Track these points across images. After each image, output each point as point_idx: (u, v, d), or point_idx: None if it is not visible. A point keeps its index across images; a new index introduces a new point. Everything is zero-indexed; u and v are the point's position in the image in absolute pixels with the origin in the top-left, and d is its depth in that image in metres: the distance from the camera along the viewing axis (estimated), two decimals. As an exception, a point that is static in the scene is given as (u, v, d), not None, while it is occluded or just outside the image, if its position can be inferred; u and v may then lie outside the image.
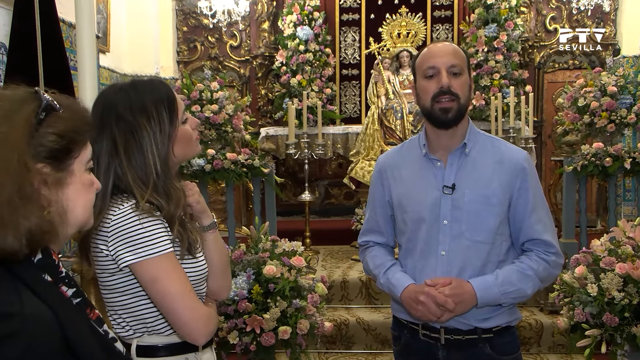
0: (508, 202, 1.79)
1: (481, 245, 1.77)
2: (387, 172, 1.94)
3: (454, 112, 1.76)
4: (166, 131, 1.41)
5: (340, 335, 4.07)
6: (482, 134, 1.89)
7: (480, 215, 1.76)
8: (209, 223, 1.56)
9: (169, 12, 7.16)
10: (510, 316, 1.84)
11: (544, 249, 1.80)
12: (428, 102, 1.78)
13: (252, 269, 3.07)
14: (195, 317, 1.35)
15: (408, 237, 1.87)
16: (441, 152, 1.83)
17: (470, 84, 1.82)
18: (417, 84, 1.83)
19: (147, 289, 1.34)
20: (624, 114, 4.86)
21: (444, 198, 1.78)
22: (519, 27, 6.26)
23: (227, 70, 7.14)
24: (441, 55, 1.78)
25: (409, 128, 5.09)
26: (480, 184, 1.78)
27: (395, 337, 1.99)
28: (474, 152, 1.82)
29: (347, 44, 6.78)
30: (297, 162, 6.25)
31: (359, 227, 4.96)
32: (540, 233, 1.79)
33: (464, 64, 1.79)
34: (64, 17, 3.74)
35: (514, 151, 1.85)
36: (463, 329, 1.78)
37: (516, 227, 1.81)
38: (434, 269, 1.78)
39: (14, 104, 0.90)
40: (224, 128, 5.07)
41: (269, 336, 2.94)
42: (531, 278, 1.77)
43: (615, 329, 2.73)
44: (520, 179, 1.79)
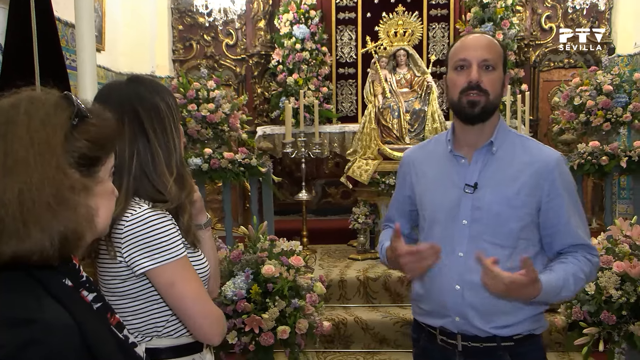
0: (536, 206, 1.69)
1: (501, 249, 1.67)
2: (411, 167, 1.89)
3: (481, 107, 1.67)
4: (179, 118, 1.44)
5: (338, 335, 4.07)
6: (513, 133, 1.80)
7: (501, 218, 1.67)
8: (205, 221, 1.57)
9: (165, 10, 7.14)
10: (533, 324, 1.73)
11: (588, 252, 1.70)
12: (456, 95, 1.71)
13: (250, 269, 3.07)
14: (211, 318, 1.38)
15: (425, 235, 1.82)
16: (466, 149, 1.76)
17: (503, 80, 1.73)
18: (447, 76, 1.76)
19: (164, 294, 1.34)
20: (620, 112, 4.88)
21: (465, 197, 1.71)
22: (515, 26, 6.27)
23: (223, 69, 7.13)
24: (474, 48, 1.70)
25: (406, 127, 5.09)
26: (504, 184, 1.69)
27: (415, 339, 1.94)
28: (501, 151, 1.73)
29: (343, 43, 6.78)
30: (294, 161, 6.23)
31: (356, 226, 4.97)
32: (582, 238, 1.70)
33: (498, 58, 1.70)
34: (60, 15, 3.72)
35: (545, 152, 1.74)
36: (481, 336, 1.70)
37: (549, 233, 1.71)
38: (450, 270, 1.70)
39: (49, 108, 0.90)
40: (220, 127, 5.06)
41: (267, 336, 2.94)
42: (582, 282, 1.69)
43: (613, 327, 2.75)
44: (549, 182, 1.68)
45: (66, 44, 3.78)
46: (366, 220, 4.98)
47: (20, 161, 0.84)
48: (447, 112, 6.41)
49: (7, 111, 0.88)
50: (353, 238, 5.45)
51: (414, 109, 5.11)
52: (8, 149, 0.84)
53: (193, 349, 1.45)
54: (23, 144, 0.85)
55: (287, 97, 6.29)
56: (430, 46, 6.65)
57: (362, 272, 4.53)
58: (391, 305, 4.34)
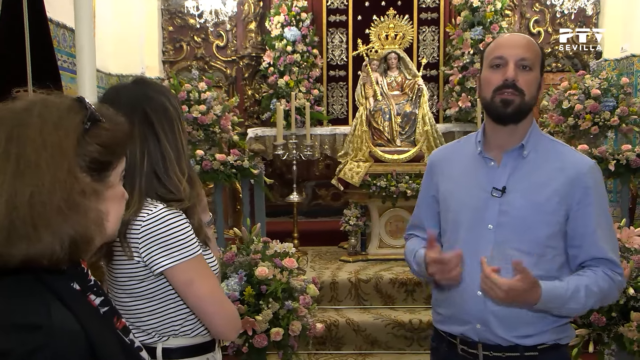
0: (565, 214, 1.62)
1: (527, 256, 1.59)
2: (438, 167, 1.84)
3: (515, 107, 1.61)
4: (182, 117, 1.46)
5: (330, 336, 4.08)
6: (547, 138, 1.74)
7: (529, 224, 1.61)
8: (208, 220, 1.59)
9: (155, 11, 7.11)
10: (559, 334, 1.66)
11: (611, 268, 1.62)
12: (489, 93, 1.64)
13: (244, 271, 3.07)
14: (228, 316, 1.40)
15: (449, 238, 1.76)
16: (496, 152, 1.69)
17: (540, 82, 1.66)
18: (482, 74, 1.69)
19: (183, 292, 1.36)
20: (608, 116, 4.94)
21: (492, 201, 1.64)
22: (504, 30, 6.33)
23: (214, 71, 7.12)
24: (512, 46, 1.63)
25: (397, 129, 5.12)
26: (535, 189, 1.63)
27: (434, 348, 1.86)
28: (533, 155, 1.66)
29: (334, 45, 6.80)
30: (285, 163, 6.24)
31: (347, 228, 4.99)
32: (606, 252, 1.62)
33: (536, 59, 1.63)
34: (52, 16, 3.70)
35: (578, 159, 1.67)
36: (503, 345, 1.63)
37: (575, 244, 1.64)
38: (472, 276, 1.64)
39: (63, 111, 0.89)
40: (211, 129, 5.04)
41: (261, 338, 2.95)
42: (596, 296, 1.61)
43: (603, 329, 2.78)
44: (581, 190, 1.61)
45: (58, 44, 3.76)
46: (357, 222, 4.99)
47: (32, 164, 0.83)
48: (437, 114, 6.47)
49: (20, 114, 0.87)
50: (344, 240, 5.47)
51: (405, 112, 5.14)
52: (20, 152, 0.84)
53: (206, 349, 1.47)
54: (35, 147, 0.84)
55: (278, 99, 6.30)
56: (421, 49, 6.69)
57: (353, 274, 4.55)
58: (382, 307, 4.36)
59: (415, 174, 4.90)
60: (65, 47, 4.04)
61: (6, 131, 0.85)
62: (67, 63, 4.04)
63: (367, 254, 5.08)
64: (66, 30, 4.04)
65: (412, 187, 4.81)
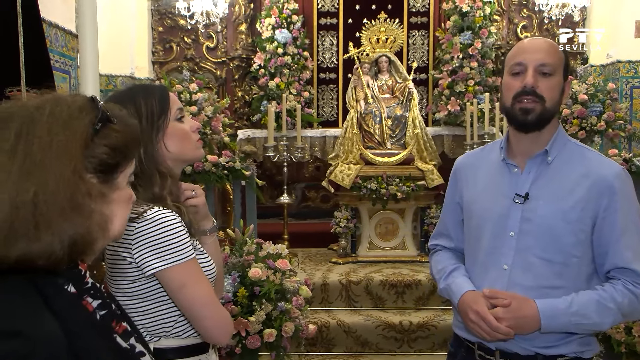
0: (591, 222, 1.57)
1: (550, 264, 1.57)
2: (462, 173, 1.82)
3: (536, 115, 1.58)
4: (154, 118, 1.44)
5: (320, 338, 4.10)
6: (573, 143, 1.69)
7: (553, 231, 1.57)
8: (211, 227, 1.59)
9: (144, 12, 7.08)
10: (582, 346, 1.61)
11: (633, 280, 1.55)
12: (509, 100, 1.61)
13: (237, 272, 3.08)
14: (220, 320, 1.39)
15: (471, 244, 1.75)
16: (520, 158, 1.66)
17: (563, 87, 1.62)
18: (503, 80, 1.67)
19: (175, 295, 1.35)
20: (594, 121, 5.03)
21: (514, 207, 1.61)
22: (493, 35, 6.40)
23: (204, 72, 7.10)
24: (532, 51, 1.60)
25: (387, 132, 5.16)
26: (559, 196, 1.59)
27: (451, 353, 1.83)
28: (558, 161, 1.62)
29: (324, 48, 6.83)
30: (275, 165, 6.26)
31: (338, 230, 5.01)
32: (629, 261, 1.56)
33: (558, 64, 1.60)
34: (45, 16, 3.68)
35: (605, 165, 1.62)
36: (522, 354, 1.59)
37: (601, 252, 1.59)
38: (493, 284, 1.62)
39: (74, 110, 0.88)
40: (202, 130, 5.05)
41: (254, 339, 2.96)
42: (612, 312, 1.54)
43: (591, 330, 2.83)
44: (607, 197, 1.56)
45: (50, 44, 3.74)
46: (348, 225, 5.02)
47: (37, 163, 0.82)
48: (426, 118, 6.52)
49: (31, 111, 0.86)
50: (333, 242, 5.49)
51: (395, 115, 5.19)
52: (27, 150, 0.82)
53: (200, 350, 1.46)
54: (42, 145, 0.83)
55: (269, 100, 6.31)
56: (411, 53, 6.74)
57: (344, 275, 4.57)
58: (373, 308, 4.39)
59: (405, 176, 4.94)
60: (58, 47, 4.01)
61: (16, 128, 0.84)
62: (59, 63, 4.02)
63: (357, 256, 5.11)
64: (58, 30, 4.01)
65: (402, 190, 4.85)
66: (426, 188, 4.91)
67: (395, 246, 5.13)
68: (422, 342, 4.09)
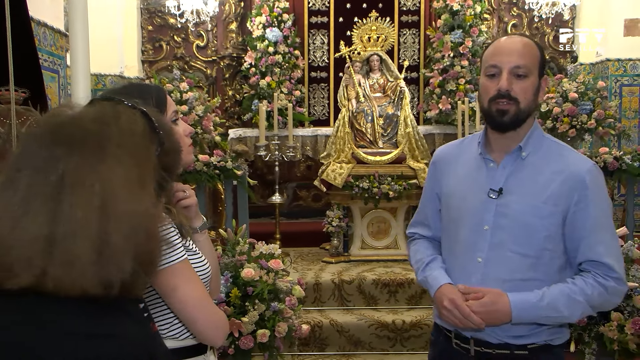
0: (562, 216, 1.62)
1: (523, 258, 1.62)
2: (441, 166, 1.86)
3: (511, 116, 1.62)
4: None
5: (313, 337, 4.08)
6: (550, 140, 1.74)
7: (526, 226, 1.62)
8: (201, 224, 1.58)
9: (134, 10, 7.04)
10: (551, 335, 1.66)
11: (604, 272, 1.60)
12: (486, 102, 1.67)
13: (229, 272, 3.06)
14: (214, 321, 1.37)
15: (447, 236, 1.80)
16: (497, 153, 1.71)
17: (538, 86, 1.66)
18: (480, 81, 1.72)
19: (167, 297, 1.34)
20: (585, 119, 5.05)
21: (489, 202, 1.66)
22: (484, 33, 6.42)
23: (194, 71, 7.07)
24: (507, 53, 1.63)
25: (379, 131, 5.15)
26: (532, 191, 1.63)
27: (432, 341, 1.90)
28: (533, 158, 1.67)
29: (315, 47, 6.81)
30: (266, 164, 6.24)
31: (330, 229, 5.00)
32: (601, 255, 1.60)
33: (533, 63, 1.64)
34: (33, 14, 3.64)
35: (578, 161, 1.67)
36: (494, 343, 1.65)
37: (573, 246, 1.64)
38: (468, 276, 1.68)
39: (139, 139, 0.87)
40: (193, 129, 5.01)
41: (247, 339, 2.94)
42: (581, 305, 1.60)
43: (584, 329, 2.84)
44: (578, 192, 1.60)
45: (39, 43, 3.70)
46: (340, 224, 5.01)
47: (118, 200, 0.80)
48: (418, 117, 6.53)
49: (98, 138, 0.83)
50: (325, 241, 5.48)
51: (387, 114, 5.18)
52: (106, 188, 0.80)
53: (197, 351, 1.45)
54: (119, 180, 0.81)
55: (260, 99, 6.29)
56: (401, 52, 6.75)
57: (336, 275, 4.56)
58: (365, 308, 4.38)
59: (397, 175, 4.94)
60: (47, 45, 3.98)
61: (89, 159, 0.81)
62: (48, 62, 3.98)
63: (350, 255, 5.10)
64: (47, 29, 3.97)
65: (394, 189, 4.84)
66: (418, 187, 4.90)
67: (388, 245, 5.12)
68: (414, 341, 4.08)
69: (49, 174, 0.79)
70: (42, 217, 0.78)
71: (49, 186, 0.79)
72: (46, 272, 0.77)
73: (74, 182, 0.79)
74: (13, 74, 2.91)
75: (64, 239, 0.77)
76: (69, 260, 0.77)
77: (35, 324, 0.77)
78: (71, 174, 0.79)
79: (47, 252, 0.77)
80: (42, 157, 0.81)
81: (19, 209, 0.78)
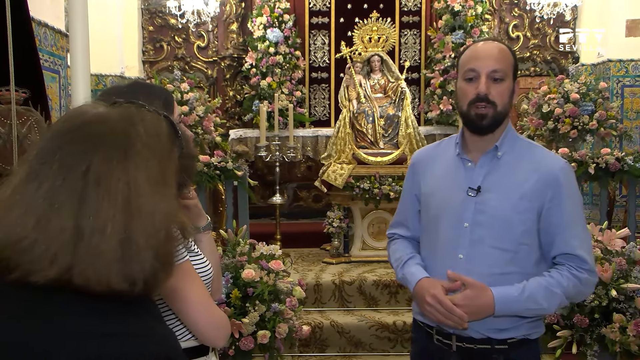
0: (537, 211, 1.70)
1: (502, 253, 1.69)
2: (420, 167, 1.91)
3: (490, 120, 1.70)
4: None
5: (314, 338, 4.07)
6: (522, 140, 1.82)
7: (504, 222, 1.69)
8: (205, 224, 1.57)
9: (134, 11, 7.04)
10: (529, 329, 1.74)
11: (577, 265, 1.69)
12: (465, 106, 1.73)
13: (230, 273, 3.06)
14: (215, 323, 1.37)
15: (428, 236, 1.84)
16: (474, 154, 1.78)
17: (512, 89, 1.74)
18: (458, 84, 1.78)
19: (167, 299, 1.33)
20: (586, 120, 5.03)
21: (468, 200, 1.72)
22: (485, 34, 6.41)
23: (194, 71, 7.06)
24: (484, 58, 1.71)
25: (380, 132, 5.15)
26: (509, 189, 1.71)
27: (413, 339, 1.96)
28: (508, 157, 1.75)
29: (316, 47, 6.81)
30: (266, 165, 6.23)
31: (331, 230, 5.00)
32: (575, 248, 1.69)
33: (508, 67, 1.72)
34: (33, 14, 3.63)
35: (550, 159, 1.77)
36: (476, 338, 1.71)
37: (548, 240, 1.72)
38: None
39: (165, 141, 0.87)
40: (194, 130, 5.01)
41: (247, 340, 2.93)
42: (558, 297, 1.68)
43: (586, 330, 2.83)
44: (552, 189, 1.69)
45: (39, 43, 3.69)
46: (340, 224, 5.00)
47: (142, 197, 0.80)
48: (419, 117, 6.52)
49: (124, 138, 0.82)
50: (326, 242, 5.47)
51: (388, 114, 5.17)
52: (132, 187, 0.79)
53: (199, 352, 1.44)
54: (145, 179, 0.80)
55: (260, 100, 6.28)
56: (403, 52, 6.74)
57: (337, 275, 4.56)
58: (366, 309, 4.37)
59: (398, 176, 4.93)
60: (47, 46, 3.97)
61: (116, 156, 0.80)
62: (49, 62, 3.97)
63: (350, 256, 5.09)
64: (47, 29, 3.97)
65: (395, 190, 4.83)
66: (419, 187, 4.89)
67: (388, 246, 5.11)
68: (415, 342, 4.07)
69: (75, 168, 0.78)
70: (68, 211, 0.77)
71: (74, 180, 0.78)
72: (72, 266, 0.76)
73: (99, 177, 0.78)
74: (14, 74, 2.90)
75: (90, 234, 0.76)
76: (95, 255, 0.76)
77: (43, 319, 0.76)
78: (97, 169, 0.79)
79: (72, 246, 0.76)
80: (68, 152, 0.80)
81: (43, 202, 0.77)
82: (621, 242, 2.97)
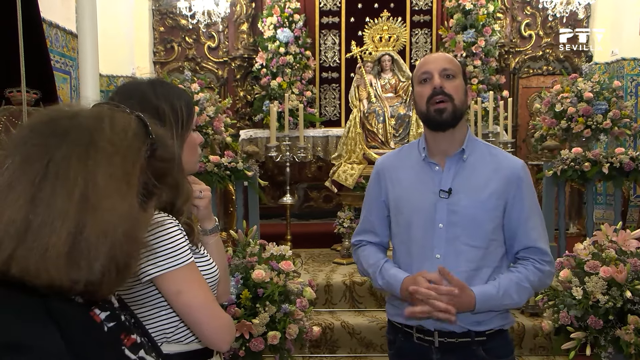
0: (502, 208, 1.81)
1: (475, 249, 1.80)
2: (385, 174, 1.96)
3: (449, 113, 1.78)
4: (184, 125, 1.40)
5: (325, 339, 4.06)
6: (480, 142, 1.92)
7: (476, 220, 1.79)
8: (212, 226, 1.55)
9: (145, 12, 7.08)
10: (503, 320, 1.87)
11: (540, 258, 1.82)
12: (424, 105, 1.81)
13: (240, 274, 3.05)
14: (219, 326, 1.35)
15: (402, 240, 1.89)
16: (439, 157, 1.85)
17: (465, 89, 1.85)
18: (414, 92, 1.88)
19: (172, 301, 1.32)
20: (600, 119, 4.98)
21: (440, 202, 1.80)
22: (496, 33, 6.36)
23: (205, 72, 7.09)
24: (433, 61, 1.85)
25: (391, 132, 5.12)
26: (477, 189, 1.81)
27: (390, 341, 2.00)
28: (471, 159, 1.84)
29: (327, 47, 6.79)
30: (277, 165, 6.22)
31: (341, 231, 4.97)
32: (535, 240, 1.82)
33: (457, 70, 1.84)
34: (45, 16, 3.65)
35: (510, 160, 1.89)
36: (457, 332, 1.80)
37: (511, 234, 1.84)
38: (428, 272, 1.79)
39: (132, 139, 0.85)
40: (204, 130, 5.02)
41: (258, 341, 2.92)
42: (527, 290, 1.82)
43: (600, 332, 2.79)
44: (515, 186, 1.81)
45: (50, 44, 3.71)
46: (351, 225, 4.98)
47: (100, 194, 0.79)
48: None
49: (90, 133, 0.82)
50: (336, 242, 5.45)
51: (398, 114, 5.14)
52: (90, 180, 0.78)
53: (203, 355, 1.42)
54: (105, 177, 0.79)
55: (271, 100, 6.28)
56: (414, 51, 6.71)
57: (347, 276, 4.53)
58: (377, 309, 4.34)
59: (409, 176, 4.90)
60: (58, 47, 3.99)
61: (78, 152, 0.80)
62: (60, 63, 3.99)
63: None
64: (59, 30, 3.98)
65: (406, 190, 4.80)
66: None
67: (399, 246, 5.08)
68: (427, 344, 4.05)
69: (35, 161, 0.79)
70: (21, 202, 0.77)
71: (33, 173, 0.78)
72: (13, 256, 0.75)
73: (58, 171, 0.78)
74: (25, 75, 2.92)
75: (39, 226, 0.76)
76: (39, 247, 0.76)
77: None
78: (57, 163, 0.79)
79: (19, 236, 0.76)
80: (32, 145, 0.81)
81: (1, 193, 0.78)
82: (636, 242, 2.93)
